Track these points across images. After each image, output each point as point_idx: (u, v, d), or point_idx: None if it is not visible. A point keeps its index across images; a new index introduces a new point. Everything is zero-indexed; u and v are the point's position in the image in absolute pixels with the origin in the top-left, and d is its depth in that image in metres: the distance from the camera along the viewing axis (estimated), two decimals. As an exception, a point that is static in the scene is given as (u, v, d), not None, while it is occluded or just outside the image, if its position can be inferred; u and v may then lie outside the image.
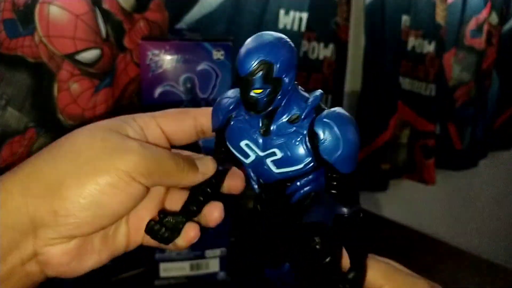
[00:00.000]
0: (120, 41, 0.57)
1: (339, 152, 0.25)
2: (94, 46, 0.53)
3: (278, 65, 0.25)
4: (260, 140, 0.27)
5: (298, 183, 0.28)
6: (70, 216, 0.27)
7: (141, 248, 0.65)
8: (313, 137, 0.26)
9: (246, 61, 0.24)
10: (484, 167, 1.21)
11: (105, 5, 0.54)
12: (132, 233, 0.33)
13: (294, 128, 0.27)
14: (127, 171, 0.27)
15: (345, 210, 0.27)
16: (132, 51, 0.58)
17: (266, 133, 0.27)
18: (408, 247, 0.75)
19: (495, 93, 1.18)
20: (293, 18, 0.71)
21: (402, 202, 1.08)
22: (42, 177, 0.28)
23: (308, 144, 0.26)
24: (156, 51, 0.54)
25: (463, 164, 1.14)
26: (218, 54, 0.56)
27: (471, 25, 1.02)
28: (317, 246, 0.28)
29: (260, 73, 0.24)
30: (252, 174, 0.29)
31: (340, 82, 0.85)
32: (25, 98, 0.51)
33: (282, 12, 0.69)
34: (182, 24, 0.62)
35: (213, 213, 0.33)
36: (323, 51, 0.77)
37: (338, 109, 0.26)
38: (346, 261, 0.30)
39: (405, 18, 0.89)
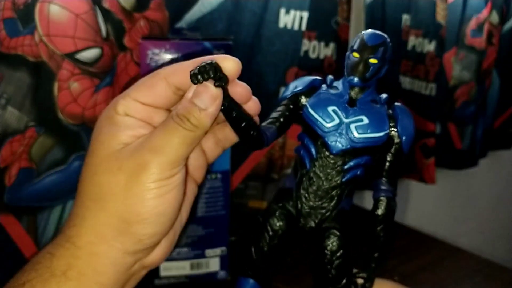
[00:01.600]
0: (120, 40, 0.57)
1: (408, 131, 0.33)
2: (94, 45, 0.53)
3: (389, 52, 0.32)
4: (346, 109, 0.32)
5: (355, 162, 0.32)
6: (152, 235, 0.30)
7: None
8: (391, 118, 0.33)
9: (376, 35, 0.32)
10: (484, 167, 1.21)
11: (105, 4, 0.54)
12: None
13: (375, 106, 0.33)
14: (162, 166, 0.29)
15: (390, 190, 0.34)
16: (132, 50, 0.58)
17: (352, 104, 0.32)
18: (408, 246, 0.75)
19: (496, 92, 1.18)
20: (293, 17, 0.71)
21: (402, 202, 1.08)
22: (104, 221, 0.30)
23: (388, 120, 0.33)
24: (156, 50, 0.54)
25: (463, 164, 1.14)
26: (218, 54, 0.56)
27: (472, 24, 1.01)
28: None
29: (382, 48, 0.32)
30: (315, 146, 0.32)
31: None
32: (25, 97, 0.51)
33: (282, 11, 0.69)
34: (182, 23, 0.62)
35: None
36: (323, 51, 0.77)
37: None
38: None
39: (405, 18, 0.89)
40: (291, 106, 0.33)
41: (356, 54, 0.32)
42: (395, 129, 0.33)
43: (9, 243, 0.54)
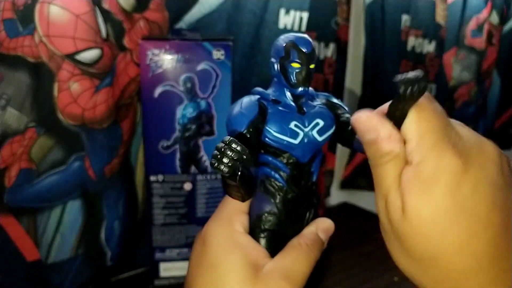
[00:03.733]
0: (120, 41, 0.57)
1: (334, 98, 0.36)
2: (94, 46, 0.53)
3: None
4: (301, 119, 0.33)
5: (317, 160, 0.34)
6: None
7: (141, 248, 0.65)
8: (330, 106, 0.35)
9: (307, 41, 0.32)
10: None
11: (105, 5, 0.54)
12: None
13: (315, 104, 0.34)
14: None
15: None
16: (132, 51, 0.58)
17: (302, 112, 0.33)
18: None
19: (496, 93, 1.18)
20: (293, 18, 0.71)
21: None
22: None
23: (329, 110, 0.34)
24: (156, 51, 0.54)
25: (463, 164, 1.14)
26: (218, 54, 0.56)
27: (472, 25, 1.01)
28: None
29: (314, 52, 0.32)
30: (284, 163, 0.33)
31: (340, 82, 0.85)
32: (25, 98, 0.51)
33: (282, 11, 0.69)
34: (182, 24, 0.62)
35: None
36: (323, 51, 0.77)
37: None
38: None
39: (405, 18, 0.89)
40: (251, 137, 0.32)
41: (296, 65, 0.32)
42: (335, 108, 0.35)
43: (9, 244, 0.54)
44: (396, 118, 0.27)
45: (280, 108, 0.33)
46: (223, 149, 0.28)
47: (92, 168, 0.58)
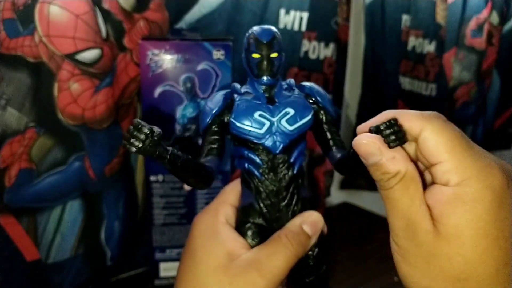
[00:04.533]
0: (120, 41, 0.57)
1: (326, 98, 0.35)
2: (94, 46, 0.53)
3: (281, 43, 0.32)
4: (269, 109, 0.33)
5: (297, 151, 0.34)
6: None
7: (141, 248, 0.65)
8: (307, 97, 0.34)
9: (267, 31, 0.32)
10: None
11: (105, 5, 0.54)
12: None
13: (291, 94, 0.34)
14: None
15: (344, 152, 0.33)
16: (132, 51, 0.58)
17: (271, 102, 0.33)
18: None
19: (496, 93, 1.18)
20: (293, 18, 0.71)
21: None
22: None
23: (307, 100, 0.34)
24: (156, 51, 0.54)
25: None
26: (218, 54, 0.56)
27: (472, 25, 1.01)
28: (312, 261, 0.34)
29: (276, 41, 0.32)
30: (257, 154, 0.33)
31: (340, 82, 0.85)
32: (25, 98, 0.51)
33: (282, 11, 0.69)
34: (182, 24, 0.62)
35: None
36: (323, 51, 0.77)
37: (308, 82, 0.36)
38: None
39: (405, 18, 0.89)
40: (217, 129, 0.33)
41: (256, 55, 0.32)
42: (315, 104, 0.34)
43: (9, 244, 0.54)
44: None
45: (248, 99, 0.33)
46: (132, 131, 0.27)
47: (92, 168, 0.58)
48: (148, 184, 0.58)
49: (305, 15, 0.71)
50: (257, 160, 0.33)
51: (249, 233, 0.34)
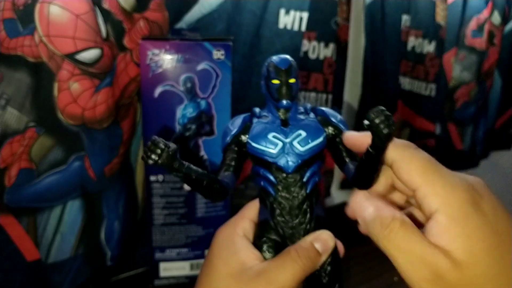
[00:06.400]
0: (120, 40, 0.57)
1: (338, 117, 0.37)
2: (94, 46, 0.53)
3: (297, 70, 0.36)
4: (283, 131, 0.35)
5: (310, 171, 0.35)
6: None
7: (141, 248, 0.65)
8: (322, 120, 0.36)
9: (285, 60, 0.35)
10: (485, 168, 1.21)
11: (105, 5, 0.54)
12: None
13: (305, 117, 0.36)
14: None
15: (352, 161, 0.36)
16: (132, 51, 0.58)
17: (285, 124, 0.35)
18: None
19: (497, 93, 1.18)
20: (293, 18, 0.71)
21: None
22: None
23: (320, 124, 0.36)
24: (156, 51, 0.54)
25: (464, 165, 1.14)
26: (218, 54, 0.56)
27: (472, 25, 1.01)
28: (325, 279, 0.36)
29: (293, 68, 0.35)
30: (272, 173, 0.35)
31: (340, 82, 0.85)
32: (25, 97, 0.51)
33: (282, 11, 0.69)
34: (182, 24, 0.62)
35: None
36: (323, 51, 0.77)
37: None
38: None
39: (405, 18, 0.89)
40: (236, 148, 0.36)
41: (275, 81, 0.35)
42: (329, 125, 0.36)
43: (9, 244, 0.54)
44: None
45: (263, 122, 0.36)
46: (150, 146, 0.30)
47: (92, 168, 0.58)
48: (148, 184, 0.58)
49: (305, 15, 0.71)
50: (272, 178, 0.35)
51: (264, 247, 0.36)
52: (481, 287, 0.26)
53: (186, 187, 0.60)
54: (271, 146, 0.35)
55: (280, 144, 0.35)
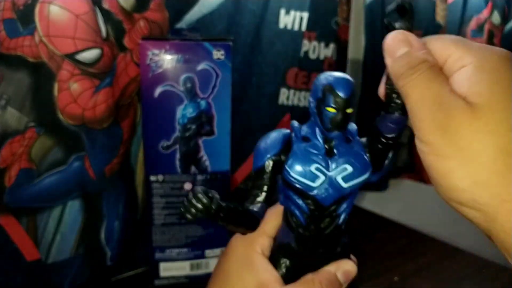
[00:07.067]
0: (120, 41, 0.57)
1: None
2: (94, 46, 0.53)
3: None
4: (327, 162, 0.31)
5: (347, 204, 0.33)
6: None
7: (141, 248, 0.65)
8: (367, 145, 0.33)
9: (346, 85, 0.30)
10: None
11: (105, 5, 0.54)
12: None
13: (351, 144, 0.32)
14: None
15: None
16: (132, 51, 0.58)
17: (330, 154, 0.32)
18: (408, 247, 0.75)
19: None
20: (293, 18, 0.71)
21: (402, 202, 1.07)
22: None
23: (367, 155, 0.32)
24: (156, 51, 0.54)
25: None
26: (218, 54, 0.56)
27: (472, 25, 1.01)
28: None
29: (353, 96, 0.31)
30: (305, 203, 0.32)
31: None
32: (25, 98, 0.51)
33: (282, 11, 0.69)
34: (182, 24, 0.62)
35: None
36: (323, 51, 0.77)
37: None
38: None
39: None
40: (270, 174, 0.33)
41: (332, 109, 0.30)
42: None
43: (9, 244, 0.54)
44: None
45: (306, 147, 0.32)
46: (190, 200, 0.29)
47: (92, 168, 0.58)
48: (148, 184, 0.58)
49: (305, 15, 0.71)
50: (304, 207, 0.33)
51: (284, 269, 0.34)
52: (493, 133, 0.24)
53: (187, 187, 0.60)
54: (312, 178, 0.31)
55: (322, 177, 0.31)
